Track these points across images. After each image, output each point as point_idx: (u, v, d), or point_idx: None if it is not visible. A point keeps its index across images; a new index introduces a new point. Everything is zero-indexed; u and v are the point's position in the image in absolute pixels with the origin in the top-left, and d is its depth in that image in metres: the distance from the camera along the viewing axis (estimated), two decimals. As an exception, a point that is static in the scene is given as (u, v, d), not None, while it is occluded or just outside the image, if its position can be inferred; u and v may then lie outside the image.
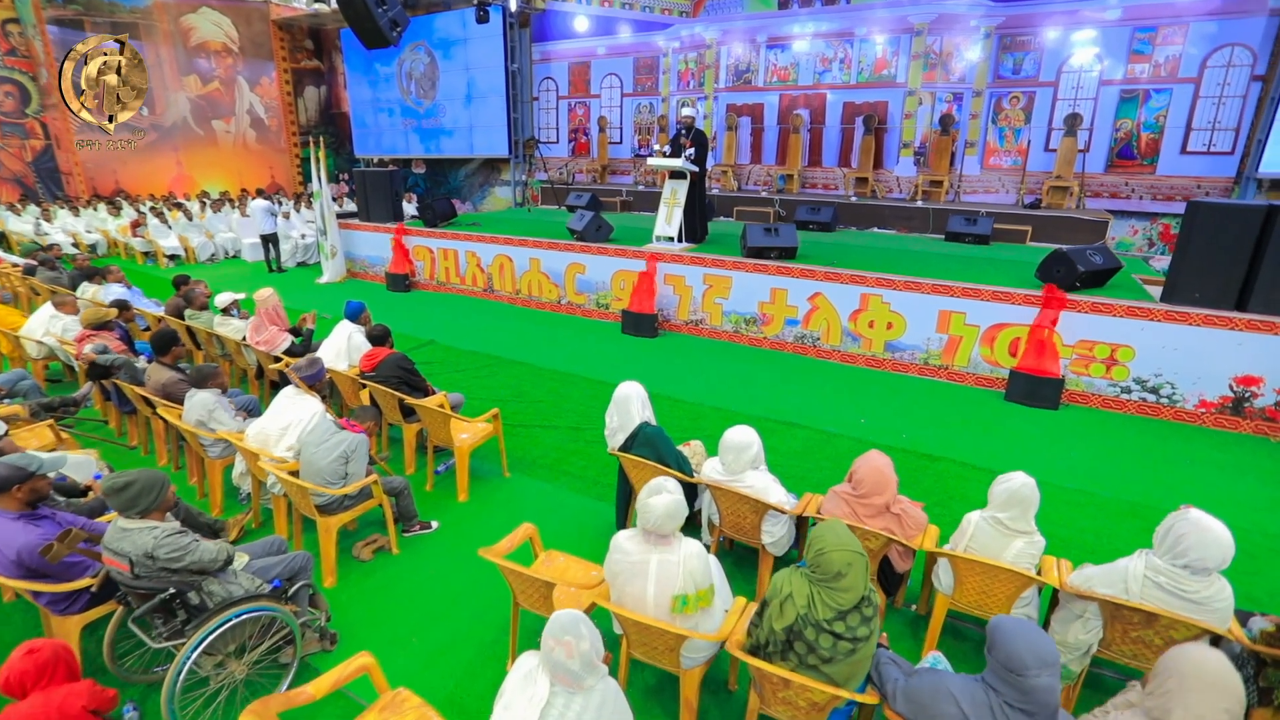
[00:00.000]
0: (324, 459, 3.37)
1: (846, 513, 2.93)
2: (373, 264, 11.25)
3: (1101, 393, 6.03)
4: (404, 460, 4.83)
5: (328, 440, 3.41)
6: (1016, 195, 10.71)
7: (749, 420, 5.63)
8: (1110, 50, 9.70)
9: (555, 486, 4.64)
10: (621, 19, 13.67)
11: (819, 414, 5.85)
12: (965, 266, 7.59)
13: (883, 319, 6.88)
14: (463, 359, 7.25)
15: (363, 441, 3.44)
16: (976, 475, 4.82)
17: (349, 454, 3.39)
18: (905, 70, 11.17)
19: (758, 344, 7.65)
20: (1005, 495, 2.70)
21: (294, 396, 3.88)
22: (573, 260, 8.80)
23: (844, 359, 7.18)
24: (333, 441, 3.40)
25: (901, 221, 10.62)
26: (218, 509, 4.21)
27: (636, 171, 14.36)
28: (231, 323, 5.68)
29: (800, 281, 7.22)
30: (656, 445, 3.39)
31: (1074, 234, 9.37)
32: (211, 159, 18.11)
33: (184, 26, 17.15)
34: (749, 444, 3.11)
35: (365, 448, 3.46)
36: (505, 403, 6.04)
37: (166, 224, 13.07)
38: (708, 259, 7.77)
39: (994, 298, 6.31)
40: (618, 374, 6.75)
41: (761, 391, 6.37)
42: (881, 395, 6.36)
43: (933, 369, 6.75)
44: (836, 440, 5.34)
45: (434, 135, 16.22)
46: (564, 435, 5.42)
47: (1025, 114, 10.47)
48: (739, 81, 12.79)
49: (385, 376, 4.58)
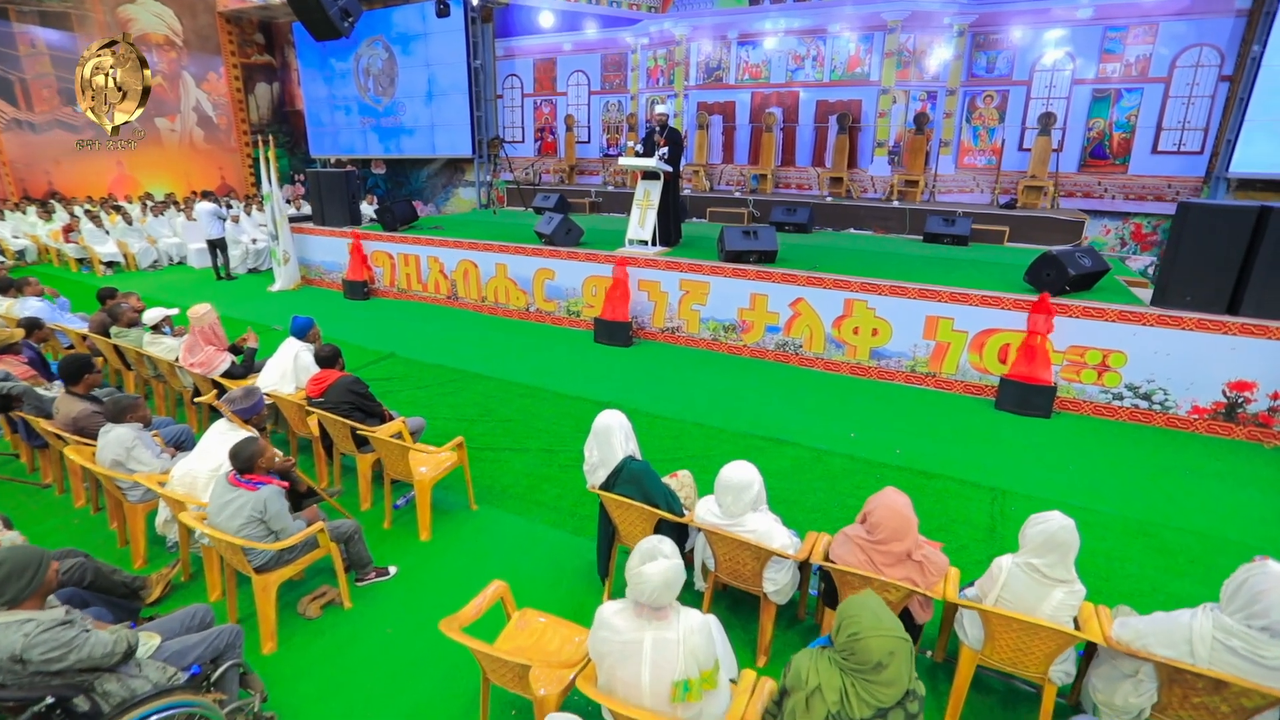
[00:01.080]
0: (232, 524, 2.88)
1: (862, 560, 2.59)
2: (329, 270, 10.62)
3: (1093, 400, 5.85)
4: (358, 494, 4.35)
5: (228, 505, 2.91)
6: (991, 195, 10.61)
7: (733, 438, 5.31)
8: (1082, 49, 9.65)
9: (528, 520, 4.23)
10: (588, 14, 13.24)
11: (806, 428, 5.54)
12: (948, 269, 7.38)
13: (868, 325, 6.62)
14: (425, 374, 6.76)
15: (271, 497, 2.92)
16: (976, 494, 4.56)
17: (258, 516, 2.90)
18: (878, 68, 10.99)
19: (737, 352, 7.33)
20: (1041, 539, 2.39)
21: (227, 432, 3.39)
22: (541, 265, 8.36)
23: (827, 367, 6.90)
24: (235, 506, 2.91)
25: (878, 222, 10.43)
26: (141, 559, 3.69)
27: (605, 171, 13.96)
28: (163, 341, 5.12)
29: (781, 287, 6.92)
30: (642, 482, 3.01)
31: (1051, 234, 9.28)
32: (155, 159, 17.10)
33: (121, 18, 16.14)
34: (749, 484, 2.75)
35: (277, 502, 2.94)
36: (471, 422, 5.59)
37: (103, 228, 12.19)
38: (683, 263, 7.41)
39: (982, 302, 6.09)
40: (591, 387, 6.36)
41: (744, 404, 6.04)
42: (868, 405, 6.09)
43: (920, 377, 6.51)
44: (828, 459, 5.03)
45: (394, 134, 15.55)
46: (536, 459, 5.00)
47: (999, 113, 10.38)
48: (710, 79, 12.48)
49: (335, 402, 4.10)
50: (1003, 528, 4.18)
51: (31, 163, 15.49)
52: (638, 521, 3.08)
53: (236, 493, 2.91)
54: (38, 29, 15.27)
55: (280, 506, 2.97)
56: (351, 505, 4.35)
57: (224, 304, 9.62)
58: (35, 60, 15.35)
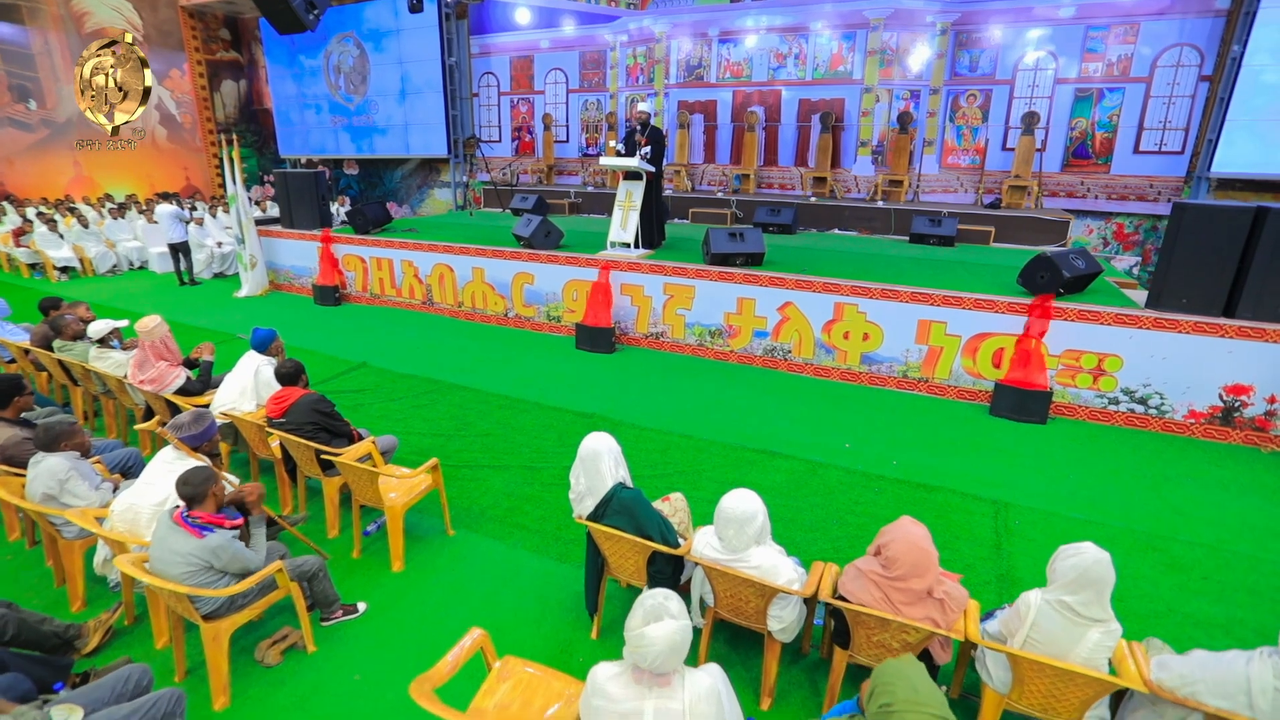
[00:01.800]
0: (175, 570, 2.57)
1: (877, 598, 2.36)
2: (298, 275, 10.20)
3: (1089, 404, 5.73)
4: (325, 520, 4.04)
5: (172, 549, 2.56)
6: (975, 195, 10.53)
7: (724, 451, 5.08)
8: (1064, 49, 9.60)
9: (509, 545, 3.95)
10: (565, 11, 12.94)
11: (799, 439, 5.32)
12: (937, 271, 7.23)
13: (858, 329, 6.43)
14: (399, 385, 6.43)
15: (220, 546, 2.59)
16: (979, 508, 4.38)
17: (210, 563, 2.59)
18: (861, 67, 10.86)
19: (724, 358, 7.11)
20: (1074, 574, 2.18)
21: (174, 460, 3.07)
22: (520, 269, 8.06)
23: (817, 373, 6.71)
24: (180, 552, 2.56)
25: (862, 223, 10.29)
26: (79, 600, 3.34)
27: (585, 172, 13.67)
28: (111, 355, 4.74)
29: (769, 290, 6.71)
30: (634, 512, 2.75)
31: (1036, 234, 9.21)
32: (116, 159, 16.42)
33: (76, 10, 15.45)
34: (752, 516, 2.51)
35: (228, 550, 2.62)
36: (448, 438, 5.29)
37: (58, 232, 11.60)
38: (668, 267, 7.17)
39: (976, 306, 5.94)
40: (574, 397, 6.09)
41: (734, 414, 5.81)
42: (861, 413, 5.90)
43: (912, 382, 6.34)
44: (823, 471, 4.82)
45: (366, 134, 15.10)
46: (516, 477, 4.71)
47: (983, 112, 10.30)
48: (690, 77, 12.26)
49: (298, 423, 3.78)
50: (1008, 543, 4.00)
51: (-19, 162, 14.79)
52: (630, 554, 2.82)
53: (181, 537, 2.60)
54: (-13, 23, 14.56)
55: (233, 552, 2.65)
56: (318, 533, 4.04)
57: (187, 311, 9.18)
58: (-16, 56, 14.65)
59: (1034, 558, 3.85)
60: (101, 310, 9.24)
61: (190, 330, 8.25)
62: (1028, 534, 4.10)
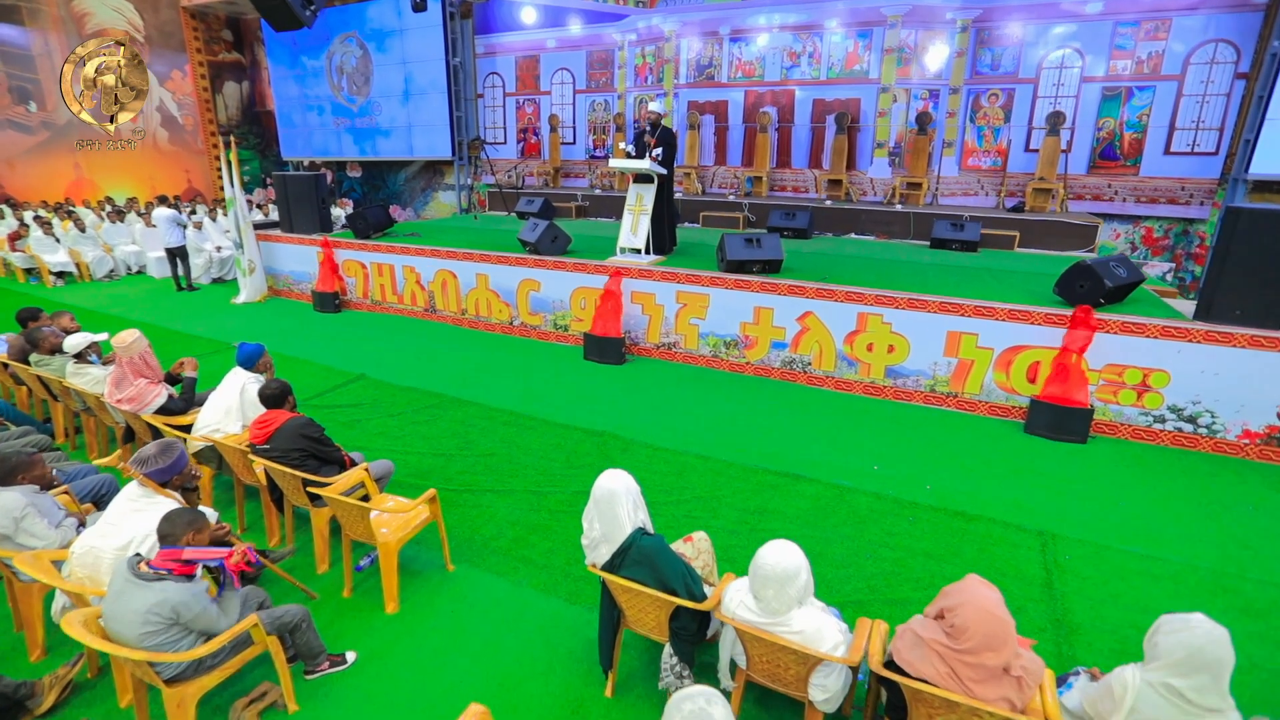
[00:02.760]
0: (132, 631, 2.24)
1: (943, 672, 2.02)
2: (297, 280, 9.92)
3: (1132, 422, 5.36)
4: (314, 553, 3.72)
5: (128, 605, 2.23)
6: (997, 198, 10.16)
7: (744, 474, 4.73)
8: (1091, 46, 9.22)
9: (513, 583, 3.61)
10: (572, 9, 12.64)
11: (824, 460, 4.98)
12: (963, 279, 6.88)
13: (883, 341, 6.08)
14: (398, 399, 6.12)
15: (183, 602, 2.25)
16: (1023, 540, 4.02)
17: (172, 619, 2.26)
18: (878, 65, 10.51)
19: (739, 370, 6.76)
20: (1183, 653, 1.84)
21: (140, 499, 2.75)
22: (526, 276, 7.74)
23: (838, 386, 6.36)
24: (139, 610, 2.23)
25: (880, 227, 9.93)
26: (39, 649, 3.03)
27: (592, 174, 13.35)
28: (89, 371, 4.43)
29: (788, 299, 6.37)
30: (656, 563, 2.42)
31: (1063, 239, 8.84)
32: (116, 161, 16.20)
33: (76, 11, 15.24)
34: (794, 574, 2.17)
35: (195, 604, 2.29)
36: (448, 458, 4.96)
37: (54, 236, 11.35)
38: (680, 274, 6.84)
39: (1010, 317, 5.58)
40: (582, 413, 5.76)
41: (752, 431, 5.47)
42: (887, 430, 5.55)
43: (940, 397, 5.99)
44: (852, 497, 4.47)
45: (369, 135, 14.83)
46: (522, 503, 4.38)
47: (1005, 112, 9.93)
48: (701, 77, 11.93)
49: (284, 450, 3.46)
50: (1060, 582, 3.64)
51: (-20, 166, 14.60)
52: (650, 609, 2.49)
53: (140, 590, 2.28)
54: (-14, 24, 14.37)
55: (200, 608, 2.33)
56: (306, 567, 3.72)
57: (183, 318, 8.91)
58: (-16, 57, 14.46)
59: (1091, 599, 3.50)
60: (95, 317, 9.00)
61: (185, 339, 7.97)
62: (1080, 570, 3.75)
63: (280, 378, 3.78)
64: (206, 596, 2.41)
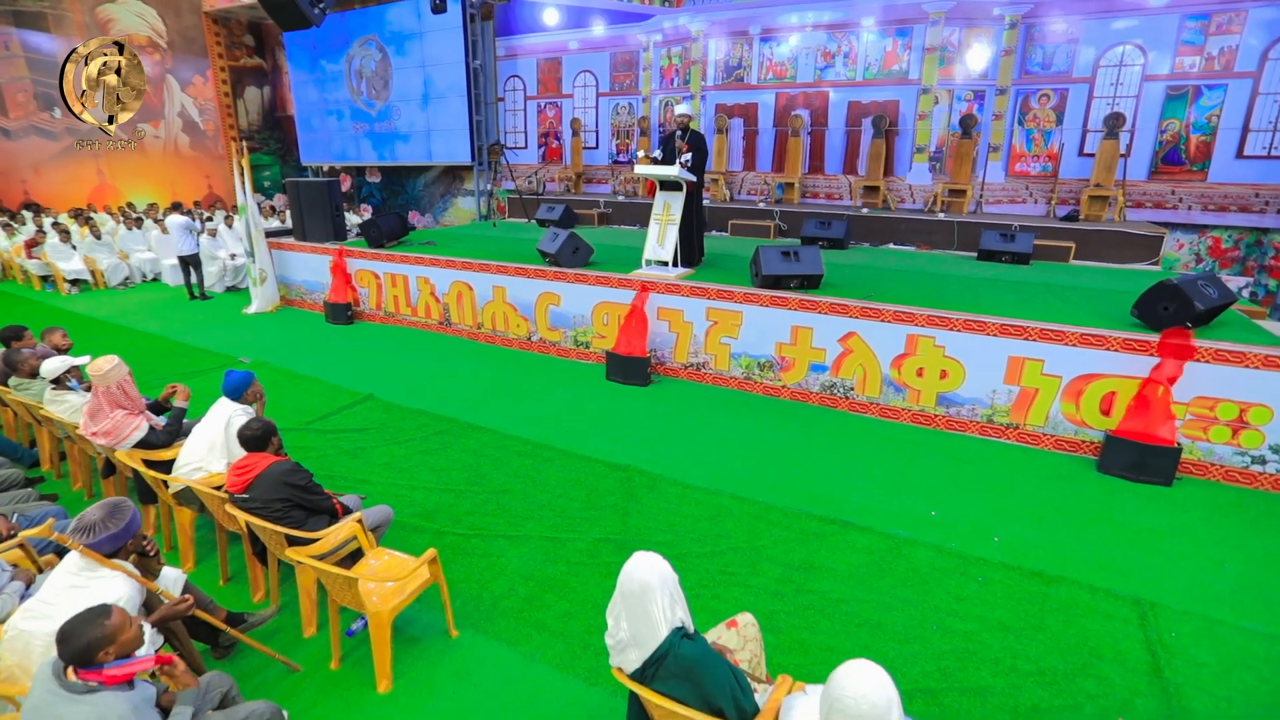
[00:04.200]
0: None
1: None
2: (310, 290, 9.60)
3: (1225, 463, 4.74)
4: (300, 614, 3.28)
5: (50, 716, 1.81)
6: (1047, 206, 9.51)
7: (786, 519, 4.20)
8: (1155, 41, 8.54)
9: (525, 655, 3.13)
10: (596, 10, 12.22)
11: (874, 502, 4.44)
12: (1020, 296, 6.29)
13: (935, 366, 5.52)
14: (406, 423, 5.69)
15: (137, 710, 1.84)
16: (1117, 609, 3.45)
17: None
18: (918, 65, 9.92)
19: (775, 394, 6.24)
20: None
21: (80, 572, 2.32)
22: (545, 289, 7.30)
23: (884, 413, 5.81)
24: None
25: (921, 236, 9.34)
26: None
27: (615, 180, 12.90)
28: (67, 399, 4.06)
29: (829, 319, 5.83)
30: (699, 677, 1.93)
31: (1124, 251, 8.18)
32: (138, 167, 16.19)
33: (101, 18, 15.25)
34: (884, 712, 1.65)
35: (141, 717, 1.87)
36: (458, 494, 4.52)
37: (70, 243, 11.19)
38: (711, 289, 6.33)
39: (1082, 342, 4.99)
40: (604, 442, 5.27)
41: (793, 466, 4.94)
42: (942, 466, 4.99)
43: (998, 428, 5.40)
44: (909, 550, 3.93)
45: (388, 140, 14.56)
46: (537, 551, 3.91)
47: (1056, 114, 9.28)
48: (729, 79, 11.43)
49: (266, 500, 3.03)
50: (1171, 668, 3.07)
51: (7, 171, 14.63)
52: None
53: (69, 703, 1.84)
54: (13, 30, 14.41)
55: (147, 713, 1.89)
56: (291, 630, 3.28)
57: (192, 328, 8.62)
58: (10, 64, 14.50)
59: (1213, 694, 2.93)
60: (103, 327, 8.75)
61: (189, 351, 7.66)
62: (1193, 653, 3.16)
63: (265, 417, 3.35)
64: (154, 712, 1.96)
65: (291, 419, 5.73)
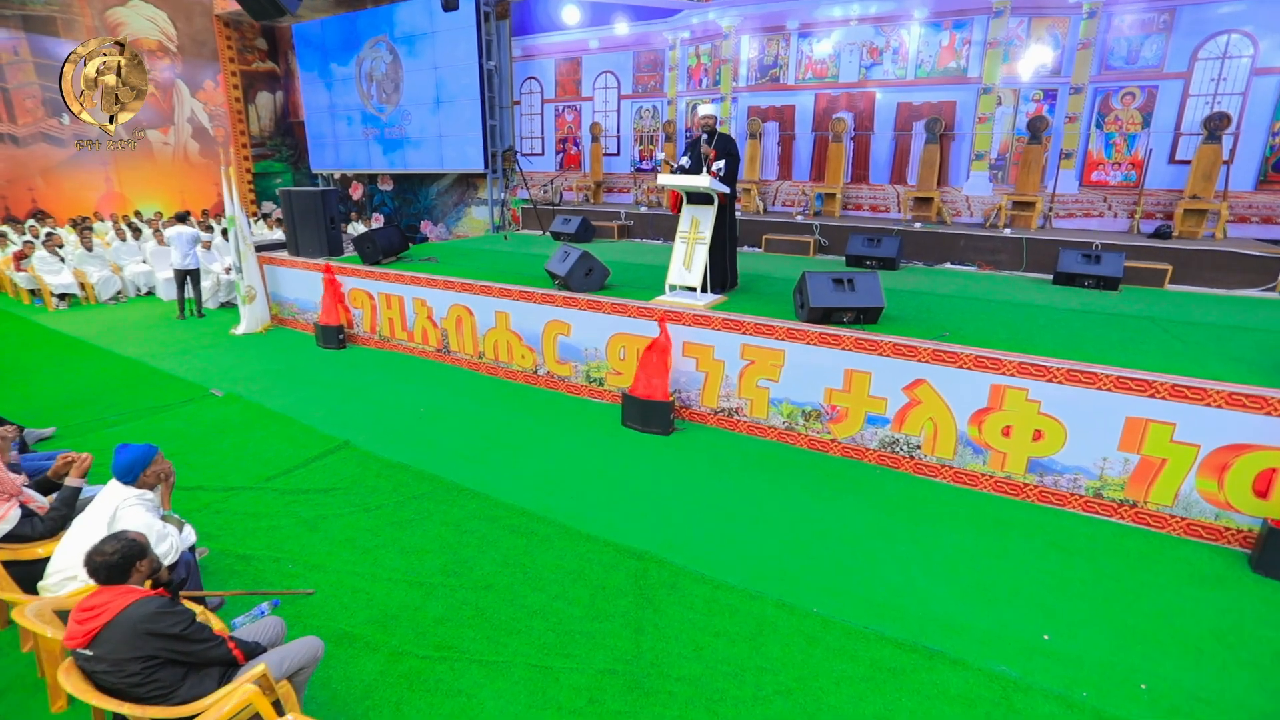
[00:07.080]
0: None
1: None
2: (303, 309, 8.79)
3: None
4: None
5: None
6: (1130, 221, 8.31)
7: (847, 640, 3.15)
8: (1268, 28, 7.34)
9: None
10: (618, 7, 11.32)
11: (964, 617, 3.38)
12: (1126, 334, 5.18)
13: (1027, 424, 4.44)
14: (382, 481, 4.77)
15: None
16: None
17: None
18: (979, 62, 8.82)
19: (823, 448, 5.20)
20: None
21: None
22: (553, 316, 6.36)
23: (957, 479, 4.74)
24: None
25: (983, 255, 8.22)
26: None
27: (637, 189, 11.97)
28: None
29: (892, 362, 4.79)
30: None
31: (1231, 274, 6.98)
32: (147, 175, 15.72)
33: (110, 22, 14.81)
34: None
35: None
36: (430, 591, 3.57)
37: (59, 255, 10.58)
38: (747, 323, 5.33)
39: (1230, 402, 3.88)
40: (616, 516, 4.24)
41: (851, 553, 3.91)
42: (1040, 556, 3.92)
43: (1109, 505, 4.31)
44: (1024, 700, 2.87)
45: (398, 146, 13.81)
46: (523, 686, 2.93)
47: (1142, 115, 8.11)
48: (764, 79, 10.42)
49: (118, 660, 2.10)
50: None
51: (14, 179, 14.21)
52: None
53: None
54: (22, 35, 14.02)
55: None
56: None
57: (171, 352, 7.84)
58: (18, 69, 14.11)
59: None
60: (83, 348, 8.03)
61: (161, 379, 6.87)
62: None
63: (132, 532, 2.40)
64: None
65: (249, 473, 4.85)
